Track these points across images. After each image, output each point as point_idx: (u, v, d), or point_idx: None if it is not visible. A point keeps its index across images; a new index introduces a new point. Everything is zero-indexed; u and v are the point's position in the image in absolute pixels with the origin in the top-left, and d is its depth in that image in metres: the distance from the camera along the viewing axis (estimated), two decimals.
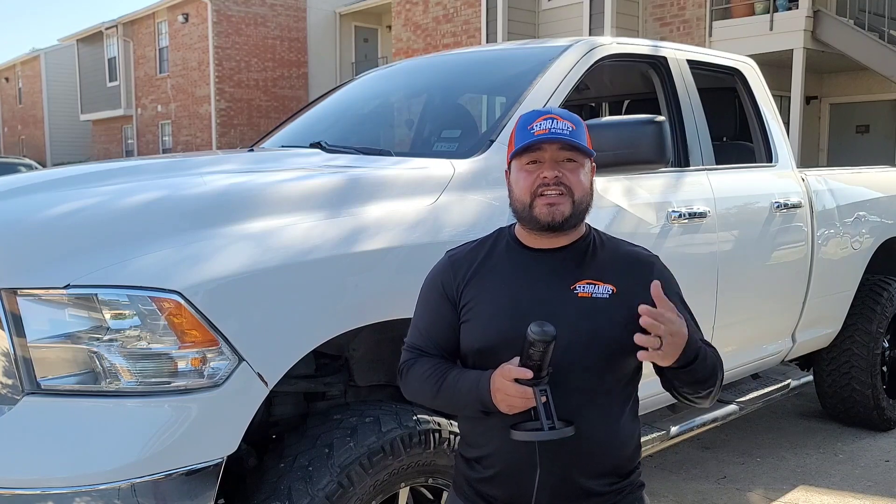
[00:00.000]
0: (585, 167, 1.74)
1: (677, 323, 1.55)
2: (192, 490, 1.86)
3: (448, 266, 1.81)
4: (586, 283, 1.70)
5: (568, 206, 1.69)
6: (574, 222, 1.72)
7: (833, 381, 4.44)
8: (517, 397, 1.57)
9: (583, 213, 1.74)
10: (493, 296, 1.72)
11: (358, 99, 3.83)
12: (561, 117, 1.72)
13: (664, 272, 1.79)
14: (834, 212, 4.05)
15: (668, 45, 3.58)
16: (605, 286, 1.69)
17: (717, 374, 1.71)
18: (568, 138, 1.69)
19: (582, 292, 1.69)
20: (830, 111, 13.72)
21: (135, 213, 2.03)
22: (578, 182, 1.71)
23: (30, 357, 1.84)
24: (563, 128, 1.69)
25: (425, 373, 1.75)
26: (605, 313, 1.66)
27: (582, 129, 1.74)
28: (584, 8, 13.13)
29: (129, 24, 27.99)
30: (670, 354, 1.56)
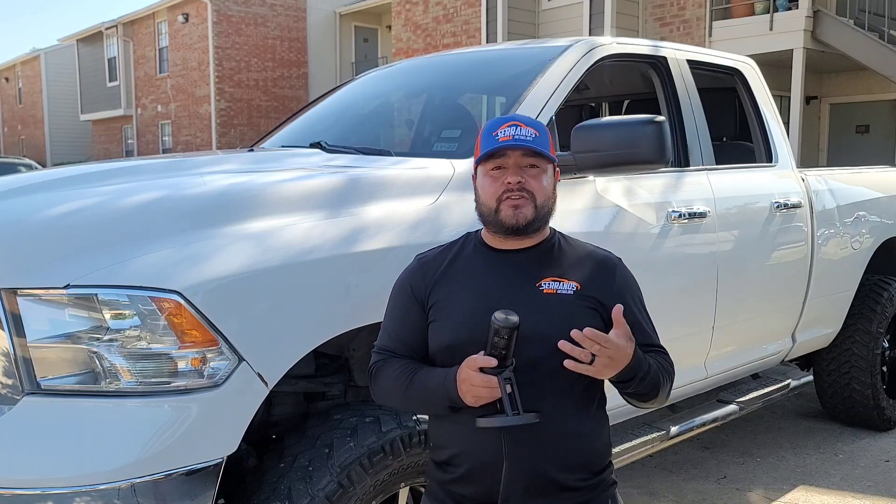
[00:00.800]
0: (548, 172, 1.81)
1: (623, 349, 1.63)
2: (192, 490, 1.86)
3: (417, 269, 1.87)
4: (551, 281, 1.76)
5: (530, 210, 1.76)
6: (537, 225, 1.79)
7: (833, 381, 4.44)
8: (482, 387, 1.61)
9: (546, 216, 1.81)
10: (461, 295, 1.77)
11: (358, 99, 3.83)
12: (525, 124, 1.78)
13: (626, 274, 1.86)
14: (834, 212, 4.05)
15: (668, 45, 3.58)
16: (569, 283, 1.76)
17: (659, 388, 1.78)
18: (530, 145, 1.75)
19: (547, 289, 1.75)
20: (830, 111, 13.73)
21: (135, 213, 2.03)
22: (541, 187, 1.77)
23: (30, 357, 1.84)
24: (527, 134, 1.76)
25: (394, 373, 1.79)
26: (570, 309, 1.72)
27: (545, 135, 1.81)
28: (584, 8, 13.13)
29: (129, 24, 27.99)
30: (603, 372, 1.64)
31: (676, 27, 12.85)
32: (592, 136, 2.55)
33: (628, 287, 1.84)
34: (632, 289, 1.86)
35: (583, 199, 2.77)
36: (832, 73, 13.18)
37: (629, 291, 1.84)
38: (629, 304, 1.79)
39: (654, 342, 1.85)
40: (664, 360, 1.84)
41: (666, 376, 1.81)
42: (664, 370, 1.80)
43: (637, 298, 1.86)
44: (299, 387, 2.30)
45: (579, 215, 2.71)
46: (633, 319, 1.76)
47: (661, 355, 1.84)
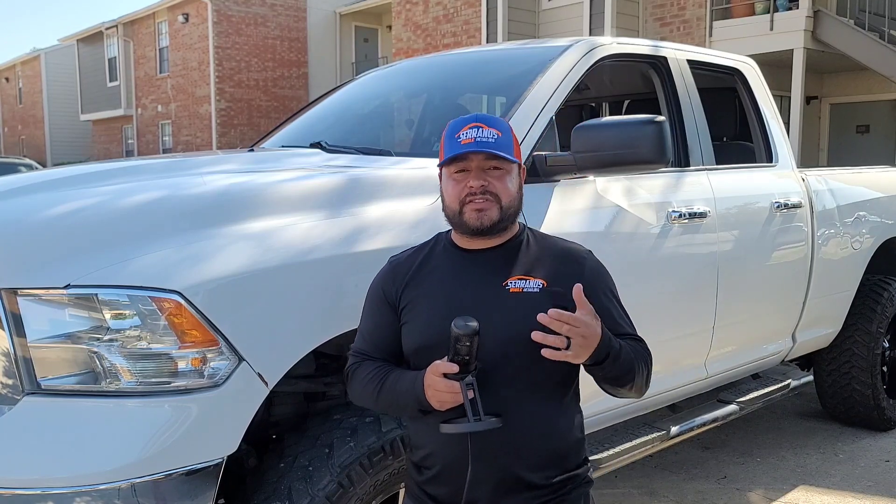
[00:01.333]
0: (513, 173, 1.80)
1: (592, 326, 1.62)
2: (192, 490, 1.86)
3: (389, 271, 1.87)
4: (517, 279, 1.75)
5: (495, 211, 1.75)
6: (503, 226, 1.78)
7: (833, 381, 4.44)
8: (445, 392, 1.63)
9: (512, 216, 1.80)
10: (430, 297, 1.78)
11: (358, 99, 3.83)
12: (487, 125, 1.76)
13: (596, 267, 1.85)
14: (834, 212, 4.05)
15: (669, 45, 3.58)
16: (535, 281, 1.75)
17: (634, 371, 1.76)
18: (491, 149, 1.73)
19: (513, 287, 1.74)
20: (830, 111, 13.72)
21: (135, 213, 2.03)
22: (505, 189, 1.77)
23: (30, 357, 1.84)
24: (489, 136, 1.74)
25: (367, 376, 1.81)
26: (537, 307, 1.66)
27: (509, 135, 1.79)
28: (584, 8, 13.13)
29: (129, 24, 28.00)
30: (580, 355, 1.63)
31: (676, 27, 12.85)
32: (593, 136, 2.55)
33: (597, 279, 1.83)
34: (601, 280, 1.84)
35: (583, 199, 2.77)
36: (832, 73, 13.18)
37: (598, 283, 1.82)
38: (598, 294, 1.78)
39: (627, 331, 1.83)
40: (639, 345, 1.82)
41: (640, 361, 1.78)
42: (638, 354, 1.78)
43: (607, 289, 1.84)
44: (299, 387, 2.30)
45: (579, 215, 2.71)
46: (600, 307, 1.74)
47: (636, 342, 1.82)
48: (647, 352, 1.83)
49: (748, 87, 3.90)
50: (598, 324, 1.65)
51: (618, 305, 1.86)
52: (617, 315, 1.83)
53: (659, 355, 1.92)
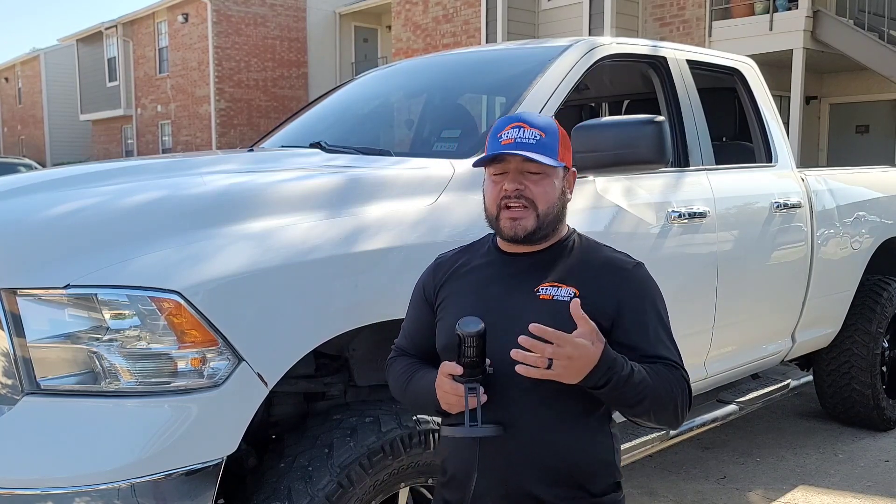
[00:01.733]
0: (554, 176, 1.69)
1: (582, 347, 1.49)
2: (192, 490, 1.86)
3: (432, 269, 1.85)
4: (549, 286, 1.66)
5: (531, 220, 1.65)
6: (542, 234, 1.69)
7: (833, 381, 4.44)
8: (451, 394, 1.58)
9: (551, 223, 1.69)
10: (462, 296, 1.74)
11: (358, 99, 3.83)
12: (529, 125, 1.67)
13: (640, 280, 1.71)
14: (834, 212, 4.05)
15: (668, 45, 3.58)
16: (567, 289, 1.64)
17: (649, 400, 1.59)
18: (527, 151, 1.63)
19: (543, 294, 1.65)
20: (830, 111, 13.72)
21: (135, 213, 2.03)
22: (543, 194, 1.66)
23: (29, 357, 1.84)
24: (530, 137, 1.64)
25: (398, 371, 1.82)
26: (564, 316, 1.56)
27: (554, 136, 1.68)
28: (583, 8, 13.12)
29: (128, 24, 27.99)
30: (566, 376, 1.51)
31: (676, 27, 12.85)
32: (592, 136, 2.55)
33: (639, 292, 1.68)
34: (644, 294, 1.69)
35: (583, 199, 2.77)
36: (832, 73, 13.18)
37: (640, 296, 1.68)
38: (636, 308, 1.66)
39: (662, 353, 1.66)
40: (671, 373, 1.64)
41: (664, 390, 1.61)
42: (663, 382, 1.61)
43: (649, 305, 1.69)
44: (299, 387, 2.30)
45: (579, 215, 2.71)
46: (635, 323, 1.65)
47: (669, 368, 1.65)
48: (679, 381, 1.66)
49: (748, 87, 3.90)
50: (597, 346, 1.52)
51: (658, 324, 1.70)
52: (654, 334, 1.68)
53: None
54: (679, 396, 1.64)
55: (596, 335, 1.53)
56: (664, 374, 1.63)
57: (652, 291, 1.73)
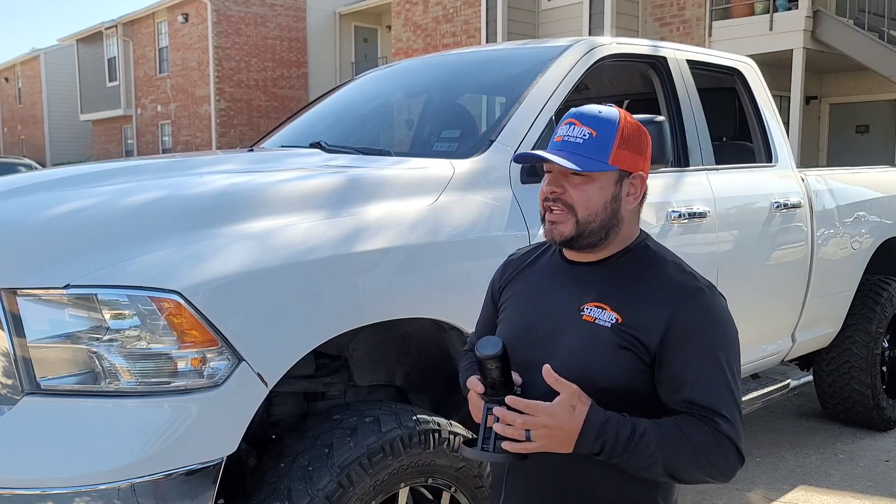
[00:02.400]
0: (599, 181, 1.49)
1: (557, 416, 1.34)
2: (192, 490, 1.86)
3: (501, 267, 1.75)
4: (594, 306, 1.48)
5: (570, 226, 1.49)
6: (587, 242, 1.50)
7: (833, 381, 4.44)
8: (475, 409, 1.50)
9: (597, 232, 1.49)
10: (519, 300, 1.64)
11: (358, 99, 3.83)
12: (582, 121, 1.52)
13: (701, 310, 1.45)
14: (834, 212, 4.05)
15: (668, 45, 3.58)
16: (611, 314, 1.46)
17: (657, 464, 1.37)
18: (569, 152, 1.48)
19: (587, 315, 1.48)
20: (830, 111, 13.72)
21: (135, 213, 2.03)
22: (583, 200, 1.48)
23: (29, 357, 1.84)
24: (579, 135, 1.49)
25: (463, 367, 1.80)
26: (602, 343, 1.44)
27: (608, 135, 1.49)
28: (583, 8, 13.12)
29: (128, 24, 27.99)
30: (552, 447, 1.37)
31: (676, 27, 12.85)
32: None
33: (694, 325, 1.42)
34: (700, 329, 1.42)
35: None
36: (832, 73, 13.18)
37: (693, 331, 1.42)
38: (684, 345, 1.41)
39: (704, 403, 1.40)
40: (704, 427, 1.39)
41: (689, 450, 1.37)
42: (688, 439, 1.37)
43: (704, 343, 1.42)
44: (299, 387, 2.30)
45: None
46: (681, 362, 1.41)
47: (704, 421, 1.40)
48: (714, 436, 1.39)
49: (748, 88, 3.90)
50: (580, 410, 1.36)
51: (710, 363, 1.42)
52: (700, 374, 1.41)
53: None
54: (711, 455, 1.39)
55: (578, 398, 1.37)
56: (692, 429, 1.39)
57: (712, 328, 1.44)
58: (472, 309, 2.21)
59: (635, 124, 1.54)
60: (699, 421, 1.40)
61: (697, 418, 1.40)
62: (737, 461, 1.43)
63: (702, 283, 1.51)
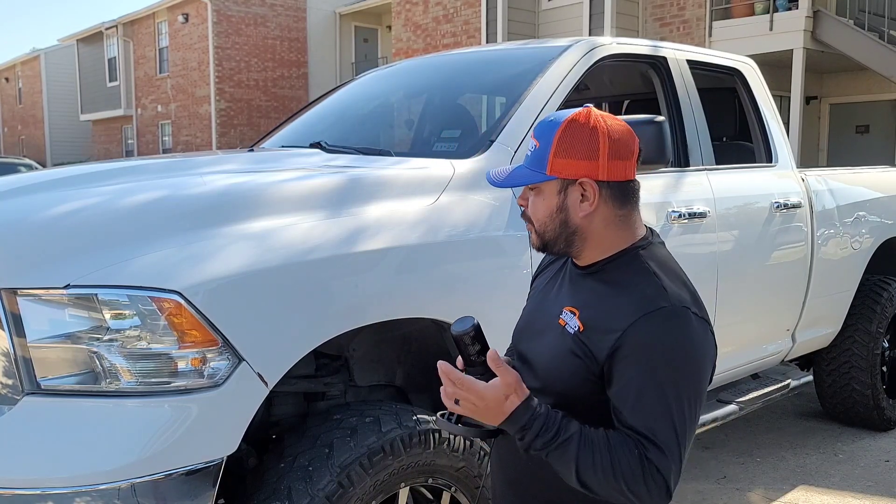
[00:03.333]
0: (544, 192, 1.49)
1: (486, 399, 1.37)
2: (193, 490, 1.86)
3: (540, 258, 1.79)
4: (568, 311, 1.50)
5: (534, 236, 1.54)
6: (555, 250, 1.53)
7: (833, 381, 4.44)
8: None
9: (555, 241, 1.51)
10: (534, 294, 1.71)
11: (358, 99, 3.83)
12: (534, 133, 1.54)
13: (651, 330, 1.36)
14: (834, 212, 4.05)
15: (668, 45, 3.58)
16: (576, 321, 1.47)
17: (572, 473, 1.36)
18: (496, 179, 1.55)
19: (561, 318, 1.51)
20: (830, 111, 13.72)
21: (135, 213, 2.03)
22: (534, 212, 1.52)
23: (30, 357, 1.84)
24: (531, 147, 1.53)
25: None
26: (561, 348, 1.47)
27: (546, 144, 1.49)
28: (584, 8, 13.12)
29: (129, 24, 27.99)
30: (475, 416, 1.42)
31: (676, 27, 12.85)
32: None
33: (640, 349, 1.36)
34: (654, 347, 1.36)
35: None
36: (832, 74, 13.18)
37: (641, 352, 1.36)
38: (631, 363, 1.37)
39: (635, 425, 1.36)
40: (634, 450, 1.34)
41: (607, 470, 1.33)
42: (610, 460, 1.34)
43: (654, 363, 1.36)
44: (299, 387, 2.30)
45: None
46: (621, 380, 1.38)
47: (639, 446, 1.35)
48: (642, 462, 1.33)
49: (748, 88, 3.90)
50: (512, 401, 1.38)
51: (657, 392, 1.35)
52: (635, 401, 1.36)
53: None
54: (631, 482, 1.33)
55: (515, 388, 1.38)
56: (622, 449, 1.35)
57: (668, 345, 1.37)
58: (472, 309, 2.21)
59: (582, 130, 1.50)
60: (633, 444, 1.36)
61: (633, 441, 1.36)
62: (663, 496, 1.35)
63: (672, 301, 1.39)
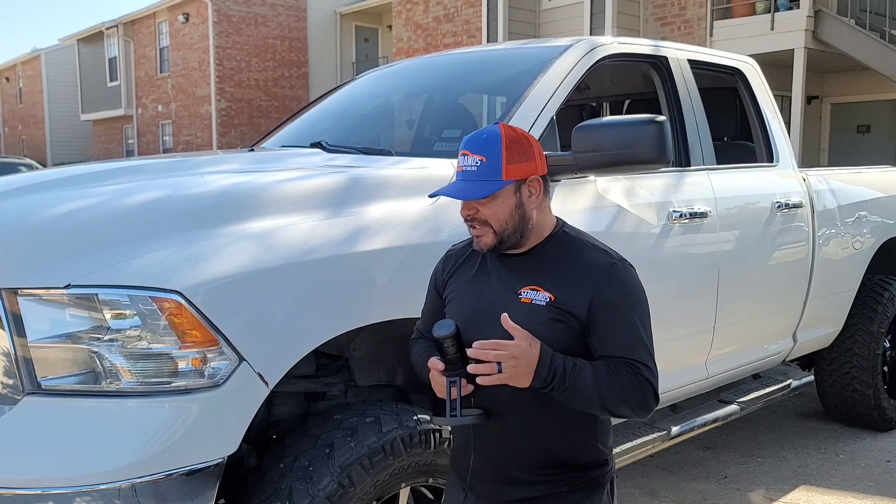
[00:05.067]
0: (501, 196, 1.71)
1: (521, 347, 1.61)
2: (193, 490, 1.86)
3: (442, 260, 1.96)
4: (529, 289, 1.74)
5: (490, 236, 1.74)
6: (510, 244, 1.75)
7: (834, 381, 4.44)
8: (439, 385, 1.72)
9: (516, 234, 1.74)
10: (461, 292, 1.85)
11: (358, 99, 3.82)
12: (472, 150, 1.73)
13: (618, 281, 1.72)
14: (835, 212, 4.04)
15: (669, 44, 3.57)
16: (544, 294, 1.72)
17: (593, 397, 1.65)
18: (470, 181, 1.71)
19: (524, 298, 1.73)
20: (831, 111, 13.72)
21: (135, 213, 2.03)
22: (493, 214, 1.72)
23: (30, 357, 1.84)
24: (472, 164, 1.71)
25: (415, 354, 1.96)
26: (540, 320, 1.69)
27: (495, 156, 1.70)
28: (584, 8, 13.12)
29: (129, 23, 28.00)
30: (519, 376, 1.62)
31: (677, 27, 12.84)
32: (593, 136, 2.54)
33: (614, 294, 1.71)
34: (620, 297, 1.72)
35: (584, 199, 2.77)
36: (833, 73, 13.17)
37: (614, 299, 1.70)
38: (608, 310, 1.69)
39: (623, 355, 1.70)
40: (630, 373, 1.68)
41: (618, 390, 1.66)
42: (618, 382, 1.66)
43: (624, 307, 1.71)
44: (300, 387, 2.30)
45: (580, 215, 2.71)
46: (605, 325, 1.69)
47: (631, 368, 1.68)
48: (638, 380, 1.68)
49: (749, 87, 3.90)
50: (535, 346, 1.62)
51: (628, 327, 1.71)
52: (617, 335, 1.70)
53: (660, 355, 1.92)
54: (632, 394, 1.68)
55: (530, 340, 1.63)
56: (620, 370, 1.68)
57: (629, 294, 1.74)
58: None
59: (517, 136, 1.75)
60: (624, 366, 1.69)
61: (623, 364, 1.69)
62: (653, 399, 1.72)
63: (615, 258, 1.77)
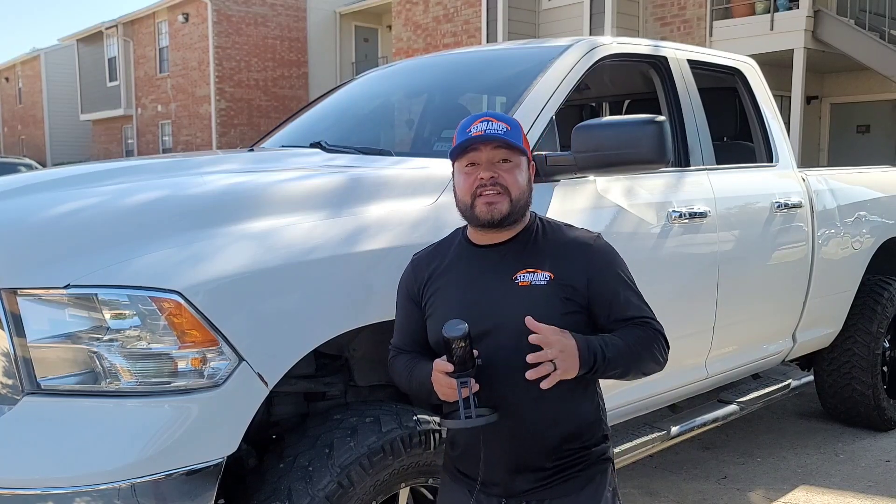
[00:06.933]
0: (522, 166, 1.85)
1: (560, 341, 1.68)
2: (193, 490, 1.86)
3: (410, 270, 1.99)
4: (526, 273, 1.80)
5: (506, 204, 1.80)
6: (514, 218, 1.83)
7: (834, 381, 4.44)
8: (446, 388, 1.73)
9: (522, 209, 1.85)
10: (446, 293, 1.88)
11: (358, 99, 3.82)
12: (496, 119, 1.83)
13: (603, 251, 1.87)
14: (834, 212, 4.04)
15: (669, 44, 3.57)
16: (543, 273, 1.80)
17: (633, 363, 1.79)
18: (500, 136, 1.79)
19: (522, 281, 1.80)
20: (831, 111, 13.72)
21: (135, 213, 2.03)
22: (515, 181, 1.81)
23: (30, 357, 1.83)
24: (498, 129, 1.80)
25: (399, 368, 1.96)
26: (544, 299, 1.77)
27: (518, 130, 1.85)
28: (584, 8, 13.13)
29: (129, 23, 27.99)
30: (570, 368, 1.69)
31: (677, 27, 12.85)
32: (593, 136, 2.55)
33: (605, 264, 1.86)
34: (610, 264, 1.87)
35: (583, 199, 2.77)
36: (833, 73, 13.18)
37: (606, 267, 1.85)
38: (606, 278, 1.84)
39: (633, 314, 1.85)
40: (643, 331, 1.83)
41: (643, 347, 1.81)
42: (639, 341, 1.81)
43: (617, 272, 1.87)
44: (299, 387, 2.30)
45: (580, 215, 2.71)
46: (608, 291, 1.83)
47: (643, 326, 1.84)
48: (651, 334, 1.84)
49: (748, 87, 3.90)
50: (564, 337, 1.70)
51: (627, 288, 1.87)
52: (624, 298, 1.85)
53: None
54: (655, 349, 1.83)
55: (560, 331, 1.70)
56: (637, 333, 1.82)
57: (615, 260, 1.89)
58: None
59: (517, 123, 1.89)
60: (635, 325, 1.83)
61: (633, 325, 1.82)
62: (667, 348, 1.87)
63: (592, 233, 1.92)
